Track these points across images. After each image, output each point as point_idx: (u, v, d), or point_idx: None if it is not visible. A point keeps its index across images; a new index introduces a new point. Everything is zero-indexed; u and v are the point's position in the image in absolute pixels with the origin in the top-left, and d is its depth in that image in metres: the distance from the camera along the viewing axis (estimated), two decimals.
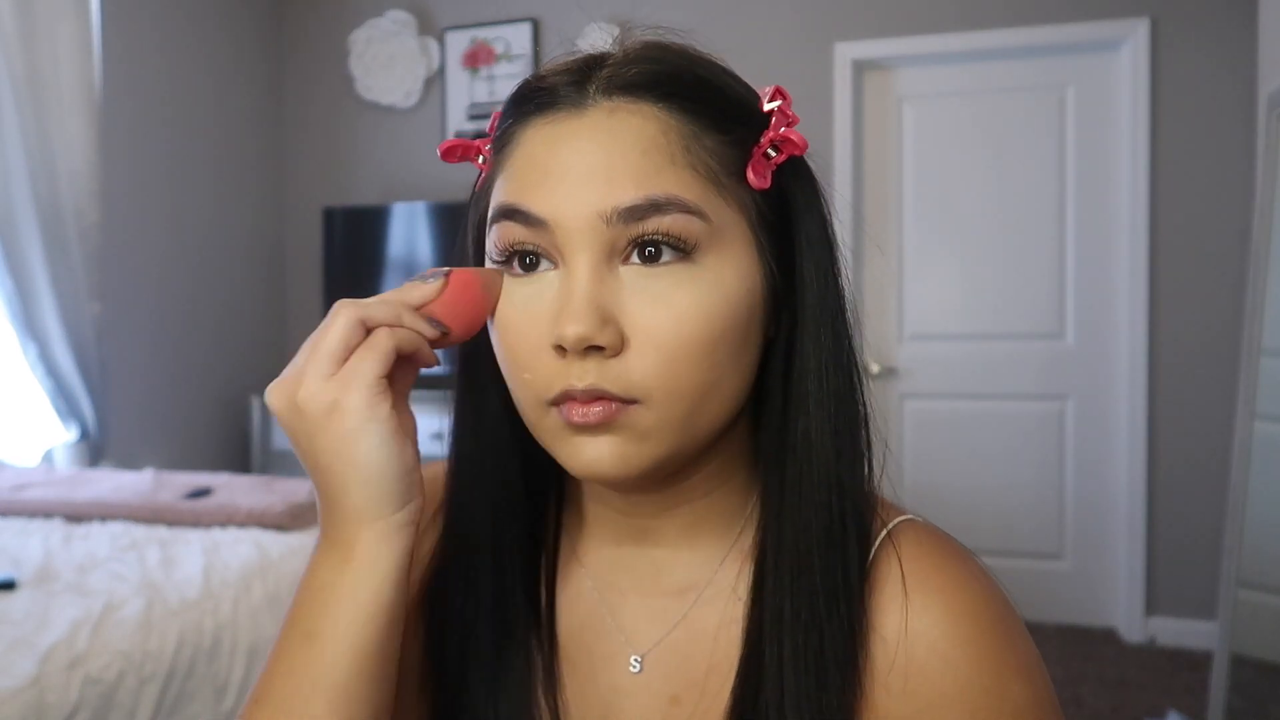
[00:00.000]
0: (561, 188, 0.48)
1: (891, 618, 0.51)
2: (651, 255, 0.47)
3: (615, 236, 0.47)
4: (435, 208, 3.64)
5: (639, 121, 0.48)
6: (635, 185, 0.47)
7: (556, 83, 0.50)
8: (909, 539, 0.53)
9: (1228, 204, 3.06)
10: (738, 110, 0.51)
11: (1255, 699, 2.09)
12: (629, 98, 0.48)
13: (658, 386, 0.47)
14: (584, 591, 0.59)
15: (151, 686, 1.55)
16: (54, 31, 2.89)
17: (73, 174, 2.93)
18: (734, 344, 0.49)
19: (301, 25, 4.05)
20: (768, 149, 0.50)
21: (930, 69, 3.38)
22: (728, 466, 0.55)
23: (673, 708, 0.55)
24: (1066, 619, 3.30)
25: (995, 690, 0.49)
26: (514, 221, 0.49)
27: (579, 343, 0.46)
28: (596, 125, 0.48)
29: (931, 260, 3.41)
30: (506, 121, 0.52)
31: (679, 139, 0.48)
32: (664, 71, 0.50)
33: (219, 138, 3.72)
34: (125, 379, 3.25)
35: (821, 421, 0.51)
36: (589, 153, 0.47)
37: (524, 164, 0.49)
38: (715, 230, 0.48)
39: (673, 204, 0.47)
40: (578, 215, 0.47)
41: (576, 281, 0.47)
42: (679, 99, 0.49)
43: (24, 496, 2.34)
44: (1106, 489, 3.27)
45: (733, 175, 0.49)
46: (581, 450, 0.49)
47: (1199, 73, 3.09)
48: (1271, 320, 2.14)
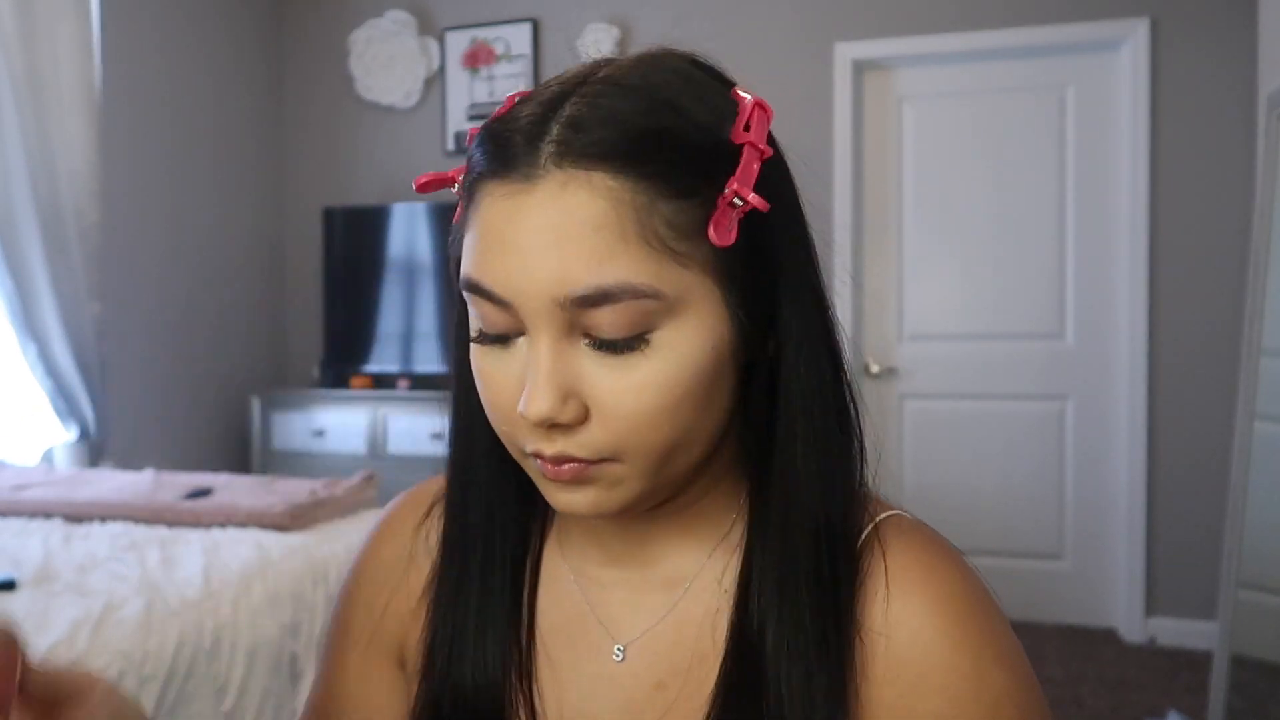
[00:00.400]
0: (517, 264, 0.47)
1: (876, 608, 0.52)
2: (608, 346, 0.48)
3: (572, 319, 0.48)
4: (435, 208, 3.64)
5: (588, 197, 0.47)
6: (586, 271, 0.46)
7: (512, 139, 0.49)
8: (893, 532, 0.55)
9: (1228, 204, 3.06)
10: (699, 161, 0.48)
11: (1255, 699, 2.09)
12: (581, 168, 0.47)
13: (623, 449, 0.49)
14: (566, 588, 0.60)
15: (151, 686, 1.55)
16: (54, 31, 2.89)
17: (73, 174, 2.93)
18: (700, 399, 0.49)
19: (301, 25, 4.05)
20: (732, 200, 0.48)
21: (930, 69, 3.38)
22: (715, 477, 0.57)
23: (657, 693, 0.56)
24: (1066, 619, 3.30)
25: (974, 676, 0.51)
26: (480, 297, 0.50)
27: (541, 421, 0.48)
28: (549, 199, 0.47)
29: (931, 260, 3.41)
30: (472, 171, 0.52)
31: (631, 212, 0.47)
32: (616, 136, 0.47)
33: (219, 138, 3.72)
34: (125, 379, 3.25)
35: (808, 429, 0.53)
36: (542, 230, 0.47)
37: (484, 232, 0.49)
38: (672, 304, 0.48)
39: (625, 291, 0.46)
40: (534, 296, 0.47)
41: (540, 358, 0.48)
42: (632, 168, 0.47)
43: (24, 496, 2.34)
44: (1106, 489, 3.27)
45: (691, 237, 0.48)
46: (557, 496, 0.52)
47: (1199, 73, 3.09)
48: (1271, 320, 2.14)
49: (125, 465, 3.14)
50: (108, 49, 3.15)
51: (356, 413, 3.51)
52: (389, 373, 3.72)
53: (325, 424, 3.55)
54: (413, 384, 3.66)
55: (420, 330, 3.69)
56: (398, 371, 3.70)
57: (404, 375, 3.69)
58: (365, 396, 3.54)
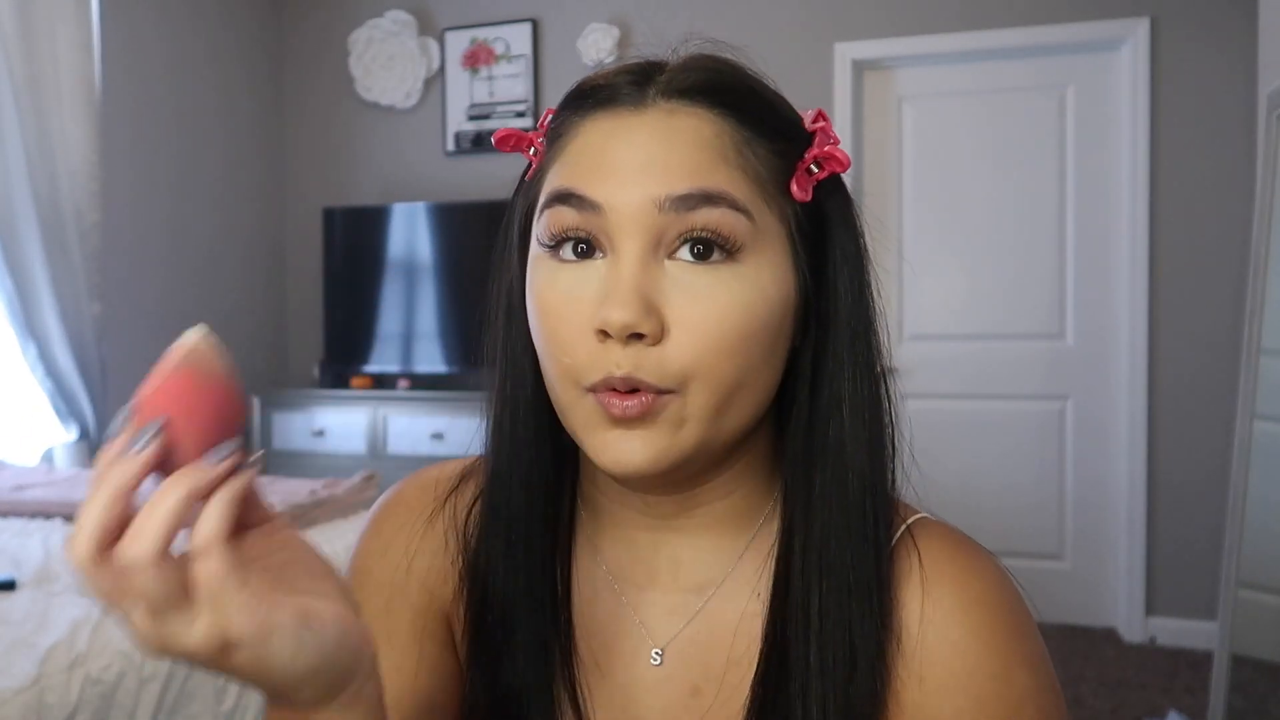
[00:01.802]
0: (616, 176, 0.49)
1: (910, 609, 0.53)
2: (700, 253, 0.49)
3: (665, 226, 0.49)
4: (435, 208, 3.64)
5: (695, 122, 0.50)
6: (689, 177, 0.48)
7: (617, 82, 0.52)
8: (926, 534, 0.56)
9: (1228, 204, 3.06)
10: (785, 125, 0.53)
11: (1255, 699, 2.09)
12: (687, 101, 0.50)
13: (694, 375, 0.49)
14: (601, 587, 0.59)
15: (151, 686, 1.55)
16: (54, 31, 2.88)
17: (73, 174, 2.93)
18: (766, 343, 0.50)
19: (301, 25, 4.05)
20: (810, 165, 0.52)
21: (930, 69, 3.38)
22: (748, 469, 0.57)
23: (693, 699, 0.56)
24: (1066, 619, 3.30)
25: (1001, 676, 0.51)
26: (567, 206, 0.50)
27: (623, 329, 0.47)
28: (655, 123, 0.50)
29: (931, 260, 3.41)
30: (563, 114, 0.54)
31: (732, 142, 0.50)
32: (720, 80, 0.52)
33: (219, 138, 3.72)
34: (125, 379, 3.25)
35: (854, 426, 0.53)
36: (646, 146, 0.49)
37: (580, 152, 0.51)
38: (759, 232, 0.50)
39: (723, 198, 0.48)
40: (630, 201, 0.48)
41: (624, 269, 0.48)
42: (733, 106, 0.51)
43: (24, 496, 2.34)
44: (1106, 489, 3.27)
45: (777, 185, 0.51)
46: (611, 445, 0.50)
47: (1199, 73, 3.09)
48: (1271, 320, 2.14)
49: None
50: (108, 49, 3.15)
51: (356, 413, 3.51)
52: (389, 373, 3.72)
53: (325, 424, 3.55)
54: (413, 384, 3.66)
55: (420, 330, 3.69)
56: (398, 371, 3.70)
57: (404, 375, 3.69)
58: (365, 396, 3.54)
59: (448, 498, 0.63)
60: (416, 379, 3.67)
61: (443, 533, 0.62)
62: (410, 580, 0.61)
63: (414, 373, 3.67)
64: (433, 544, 0.62)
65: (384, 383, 3.73)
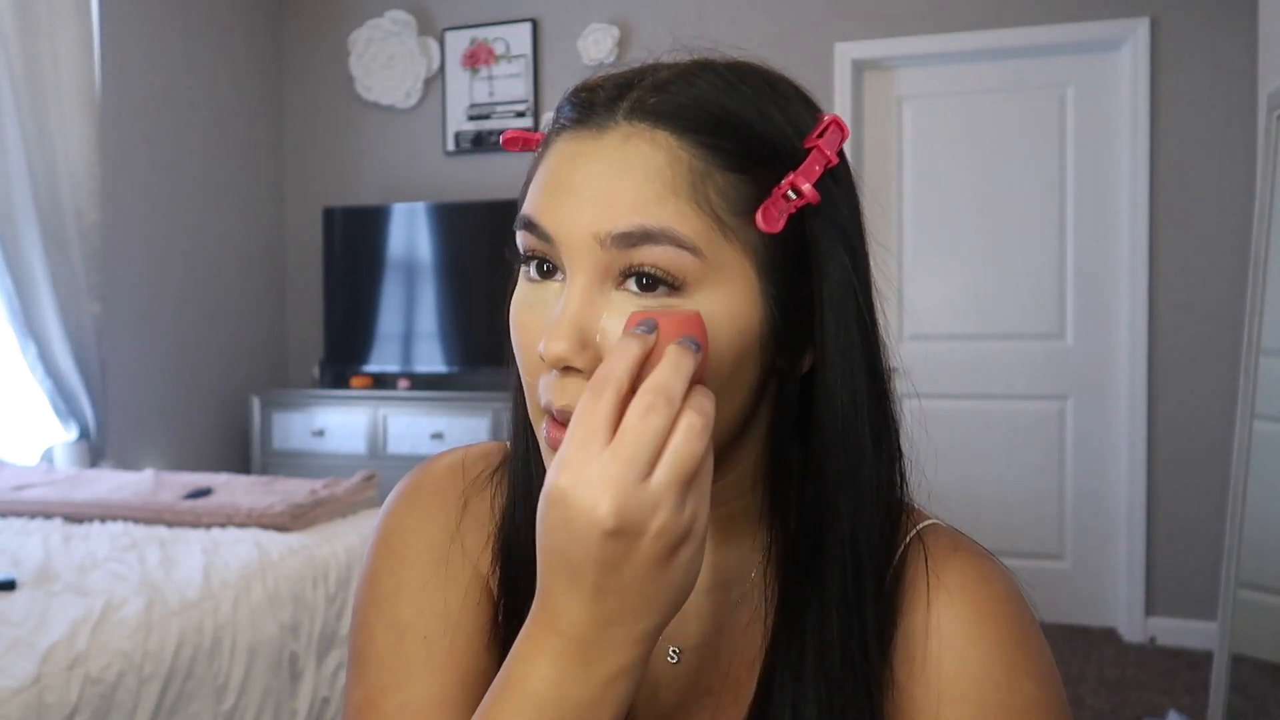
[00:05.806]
0: (566, 207, 0.49)
1: (917, 615, 0.53)
2: (646, 284, 0.48)
3: (610, 260, 0.48)
4: (435, 208, 3.64)
5: (650, 150, 0.49)
6: (632, 212, 0.47)
7: (599, 94, 0.51)
8: (934, 541, 0.56)
9: (1228, 204, 3.06)
10: (762, 150, 0.50)
11: (1255, 699, 2.09)
12: (649, 124, 0.49)
13: None
14: None
15: (151, 686, 1.55)
16: (54, 31, 2.88)
17: (73, 174, 2.93)
18: (722, 373, 0.49)
19: (302, 25, 4.05)
20: (787, 191, 0.49)
21: (930, 69, 3.38)
22: (752, 476, 0.57)
23: (706, 698, 0.57)
24: (1066, 619, 3.30)
25: (1006, 686, 0.51)
26: (529, 232, 0.51)
27: (556, 362, 0.48)
28: (610, 149, 0.49)
29: (931, 260, 3.41)
30: (554, 121, 0.54)
31: (686, 172, 0.48)
32: (685, 103, 0.49)
33: (219, 138, 3.72)
34: (125, 379, 3.25)
35: (858, 434, 0.53)
36: (597, 175, 0.49)
37: (544, 175, 0.52)
38: (709, 268, 0.48)
39: (665, 236, 0.47)
40: (575, 234, 0.49)
41: (569, 300, 0.49)
42: (694, 133, 0.49)
43: (24, 496, 2.34)
44: (1106, 489, 3.27)
45: (741, 215, 0.49)
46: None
47: (1199, 73, 3.09)
48: (1271, 320, 2.14)
49: (125, 465, 3.14)
50: (108, 49, 3.15)
51: (356, 413, 3.51)
52: (389, 373, 3.72)
53: (325, 424, 3.55)
54: (413, 384, 3.66)
55: (420, 330, 3.69)
56: (398, 371, 3.70)
57: (404, 375, 3.69)
58: (365, 396, 3.54)
59: (477, 477, 0.63)
60: (416, 379, 3.67)
61: (475, 512, 0.62)
62: (454, 548, 0.61)
63: (414, 373, 3.67)
64: (467, 522, 0.62)
65: (384, 383, 3.73)
